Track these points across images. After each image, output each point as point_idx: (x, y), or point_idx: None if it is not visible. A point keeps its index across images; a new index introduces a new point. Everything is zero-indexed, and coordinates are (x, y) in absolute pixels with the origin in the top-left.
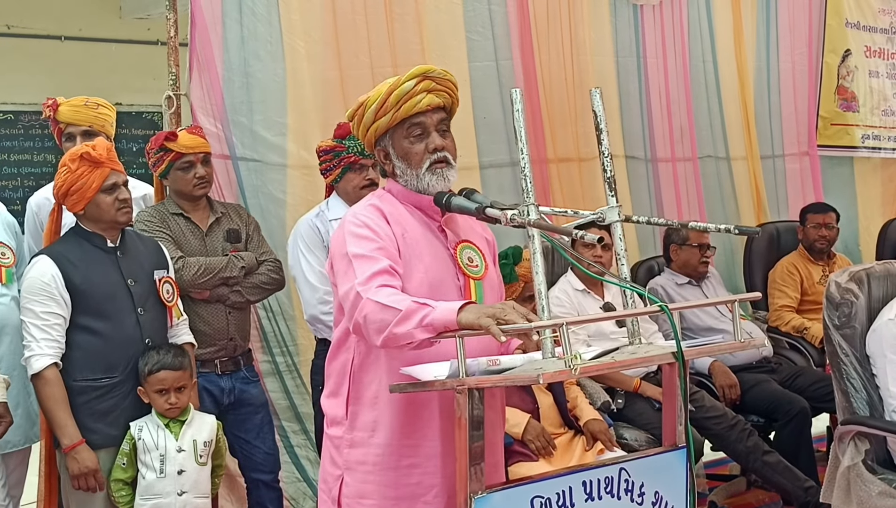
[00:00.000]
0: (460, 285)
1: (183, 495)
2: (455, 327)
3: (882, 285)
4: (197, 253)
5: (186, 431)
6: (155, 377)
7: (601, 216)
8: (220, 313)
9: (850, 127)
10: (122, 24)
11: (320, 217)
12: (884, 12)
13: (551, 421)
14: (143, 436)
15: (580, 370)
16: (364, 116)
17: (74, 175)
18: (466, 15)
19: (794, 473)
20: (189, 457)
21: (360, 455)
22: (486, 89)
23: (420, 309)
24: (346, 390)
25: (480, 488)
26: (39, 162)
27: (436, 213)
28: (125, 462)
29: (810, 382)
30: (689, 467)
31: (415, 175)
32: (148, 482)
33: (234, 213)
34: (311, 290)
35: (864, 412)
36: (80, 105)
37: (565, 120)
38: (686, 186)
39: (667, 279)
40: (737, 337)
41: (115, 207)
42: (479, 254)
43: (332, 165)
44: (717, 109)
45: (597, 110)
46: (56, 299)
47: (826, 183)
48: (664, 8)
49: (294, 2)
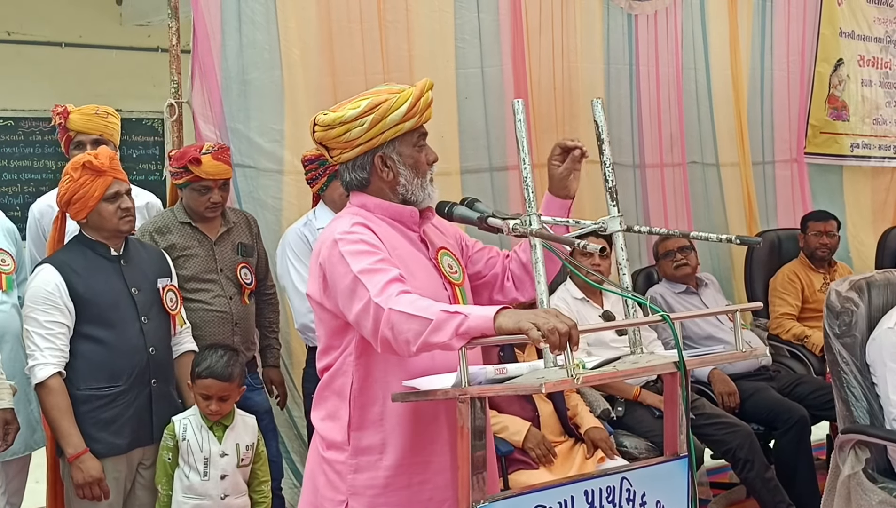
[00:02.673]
0: (448, 293)
1: (225, 498)
2: (492, 333)
3: (882, 293)
4: (202, 263)
5: (229, 435)
6: (202, 382)
7: (602, 226)
8: (226, 323)
9: (838, 136)
10: (122, 31)
11: (308, 226)
12: (879, 21)
13: (552, 429)
14: (188, 436)
15: (582, 380)
16: (387, 117)
17: (77, 183)
18: (456, 23)
19: (780, 494)
20: (232, 461)
21: (367, 479)
22: (471, 96)
23: (453, 318)
24: (347, 415)
25: (483, 497)
26: (39, 168)
27: (415, 224)
28: (170, 458)
29: (810, 390)
30: (690, 476)
31: (419, 184)
32: (191, 482)
33: (245, 225)
34: (301, 299)
35: (864, 421)
36: (90, 114)
37: (550, 126)
38: (673, 193)
39: (664, 288)
40: (738, 347)
41: (118, 215)
42: (454, 259)
43: (318, 174)
44: (708, 116)
45: (598, 120)
46: (60, 308)
47: (814, 191)
48: (658, 17)
49: (291, 9)
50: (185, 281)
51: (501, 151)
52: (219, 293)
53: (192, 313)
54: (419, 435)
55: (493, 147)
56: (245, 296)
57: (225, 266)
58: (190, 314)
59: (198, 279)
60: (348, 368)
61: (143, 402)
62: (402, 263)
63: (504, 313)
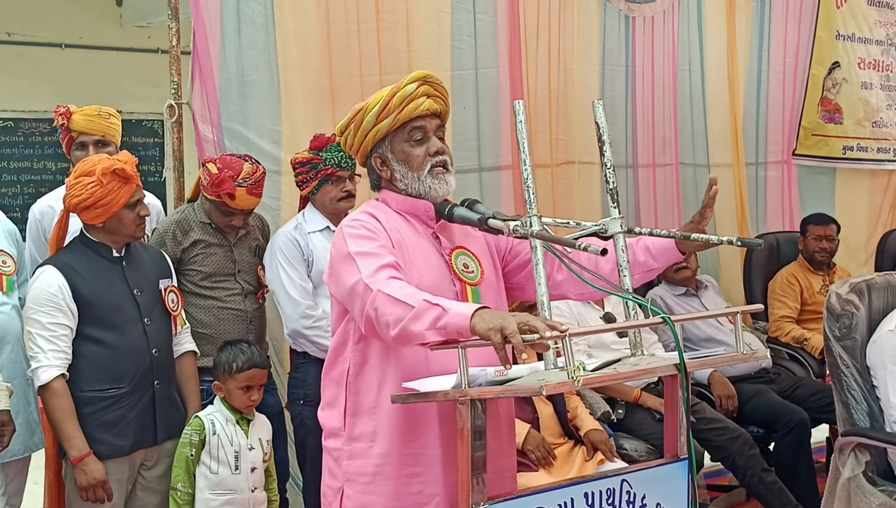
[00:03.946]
0: (456, 290)
1: (255, 491)
2: (468, 334)
3: (882, 296)
4: (221, 262)
5: (253, 429)
6: (245, 374)
7: (603, 227)
8: (241, 321)
9: (830, 138)
10: (122, 32)
11: (298, 229)
12: (880, 24)
13: (551, 431)
14: (217, 431)
15: (583, 382)
16: (364, 121)
17: (105, 189)
18: (454, 24)
19: (785, 495)
20: (259, 455)
21: (359, 465)
22: (464, 97)
23: (432, 309)
24: (343, 400)
25: (483, 499)
26: (39, 169)
27: (430, 219)
28: (192, 454)
29: (810, 393)
30: (690, 479)
31: (416, 178)
32: (221, 476)
33: (260, 228)
34: (292, 304)
35: (864, 424)
36: (93, 114)
37: (544, 127)
38: (664, 193)
39: (664, 290)
40: (739, 349)
41: (136, 222)
42: (474, 260)
43: (309, 177)
44: (702, 117)
45: (599, 122)
46: (63, 310)
47: (803, 193)
48: (656, 19)
49: (289, 10)
50: (203, 278)
51: (495, 151)
52: (234, 292)
53: (206, 311)
54: (410, 426)
55: (486, 148)
56: (259, 296)
57: (243, 267)
58: (204, 312)
59: (215, 277)
60: (347, 353)
61: (147, 404)
62: (404, 253)
63: (480, 313)
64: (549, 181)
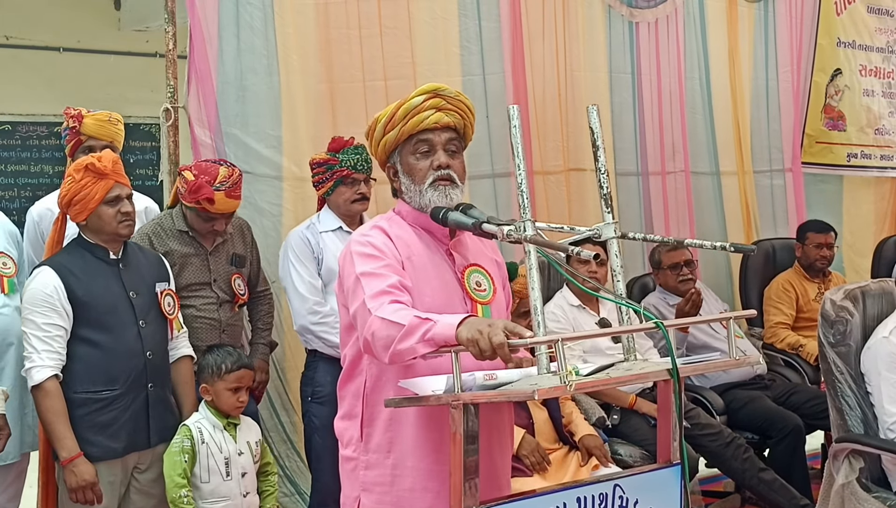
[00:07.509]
0: (467, 309)
1: (247, 496)
2: (455, 342)
3: (877, 303)
4: (197, 273)
5: (240, 433)
6: (234, 374)
7: (597, 232)
8: (213, 329)
9: (834, 145)
10: (120, 36)
11: (311, 229)
12: (880, 31)
13: (546, 436)
14: (206, 439)
15: (575, 386)
16: (375, 132)
17: (78, 185)
18: (461, 30)
19: (789, 491)
20: (248, 459)
21: (375, 475)
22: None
23: (422, 324)
24: (360, 412)
25: (475, 503)
26: (36, 173)
27: (444, 236)
28: (187, 459)
29: (805, 399)
30: (683, 483)
31: (417, 191)
32: (213, 485)
33: (239, 233)
34: (300, 300)
35: (858, 430)
36: (104, 120)
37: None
38: (676, 201)
39: (658, 299)
40: (732, 354)
41: (117, 219)
42: (487, 278)
43: (325, 178)
44: (709, 124)
45: (594, 127)
46: (58, 311)
47: (810, 200)
48: (659, 25)
49: (289, 15)
50: (179, 289)
51: (505, 157)
52: (209, 301)
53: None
54: (426, 440)
55: (498, 154)
56: (236, 305)
57: (219, 276)
58: None
59: (191, 287)
60: (364, 366)
61: (140, 406)
62: (414, 270)
63: (466, 322)
64: (563, 188)
